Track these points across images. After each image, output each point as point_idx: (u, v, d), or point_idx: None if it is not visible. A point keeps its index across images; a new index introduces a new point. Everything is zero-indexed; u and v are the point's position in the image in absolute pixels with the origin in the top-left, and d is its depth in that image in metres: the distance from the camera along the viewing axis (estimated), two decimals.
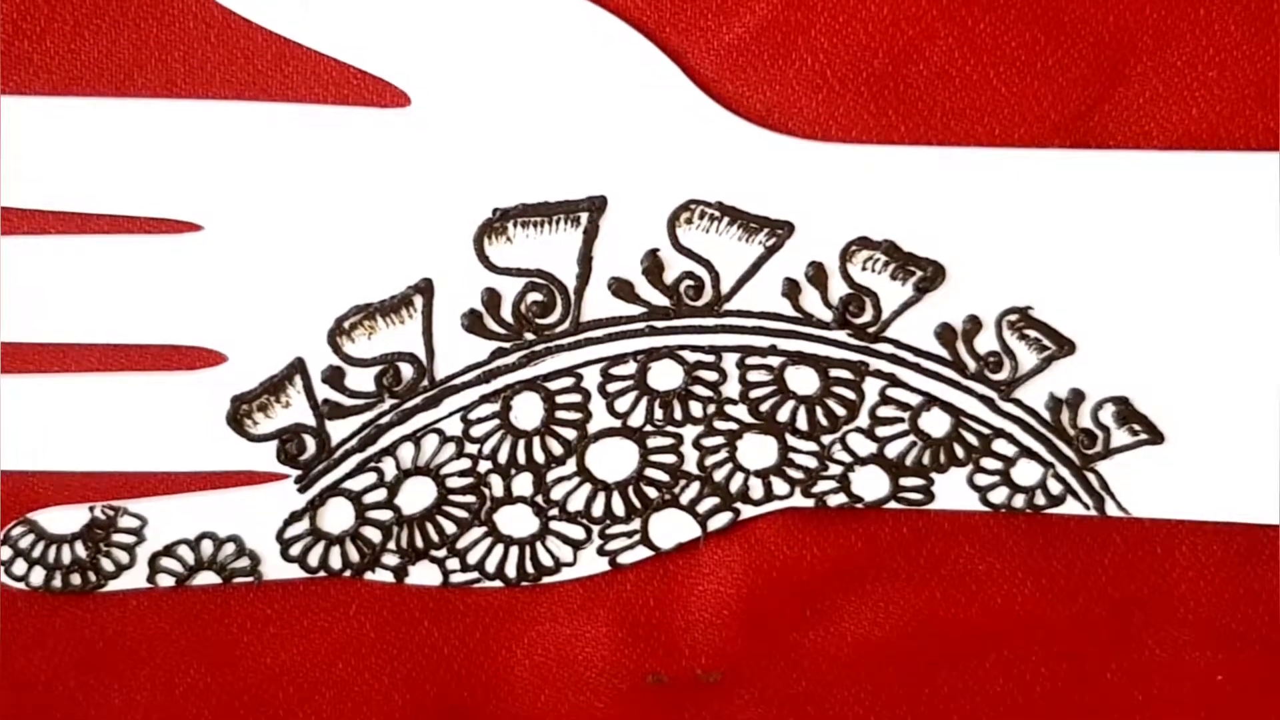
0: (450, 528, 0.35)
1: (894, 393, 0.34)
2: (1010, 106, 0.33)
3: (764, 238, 0.33)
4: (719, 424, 0.34)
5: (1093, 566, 0.36)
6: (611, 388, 0.34)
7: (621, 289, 0.33)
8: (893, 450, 0.35)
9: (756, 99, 0.33)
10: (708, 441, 0.35)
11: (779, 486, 0.35)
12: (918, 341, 0.34)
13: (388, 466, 0.34)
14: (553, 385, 0.34)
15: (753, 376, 0.34)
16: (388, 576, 0.35)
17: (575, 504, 0.35)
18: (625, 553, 0.36)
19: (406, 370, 0.34)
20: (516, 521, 0.35)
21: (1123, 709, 0.37)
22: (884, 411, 0.34)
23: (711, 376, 0.34)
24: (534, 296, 0.33)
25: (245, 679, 0.37)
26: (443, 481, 0.35)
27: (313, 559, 0.35)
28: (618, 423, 0.34)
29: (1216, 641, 0.37)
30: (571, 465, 0.35)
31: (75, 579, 0.35)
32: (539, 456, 0.35)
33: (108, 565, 0.35)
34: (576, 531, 0.35)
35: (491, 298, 0.33)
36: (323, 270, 0.33)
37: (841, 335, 0.34)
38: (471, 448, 0.34)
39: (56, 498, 0.35)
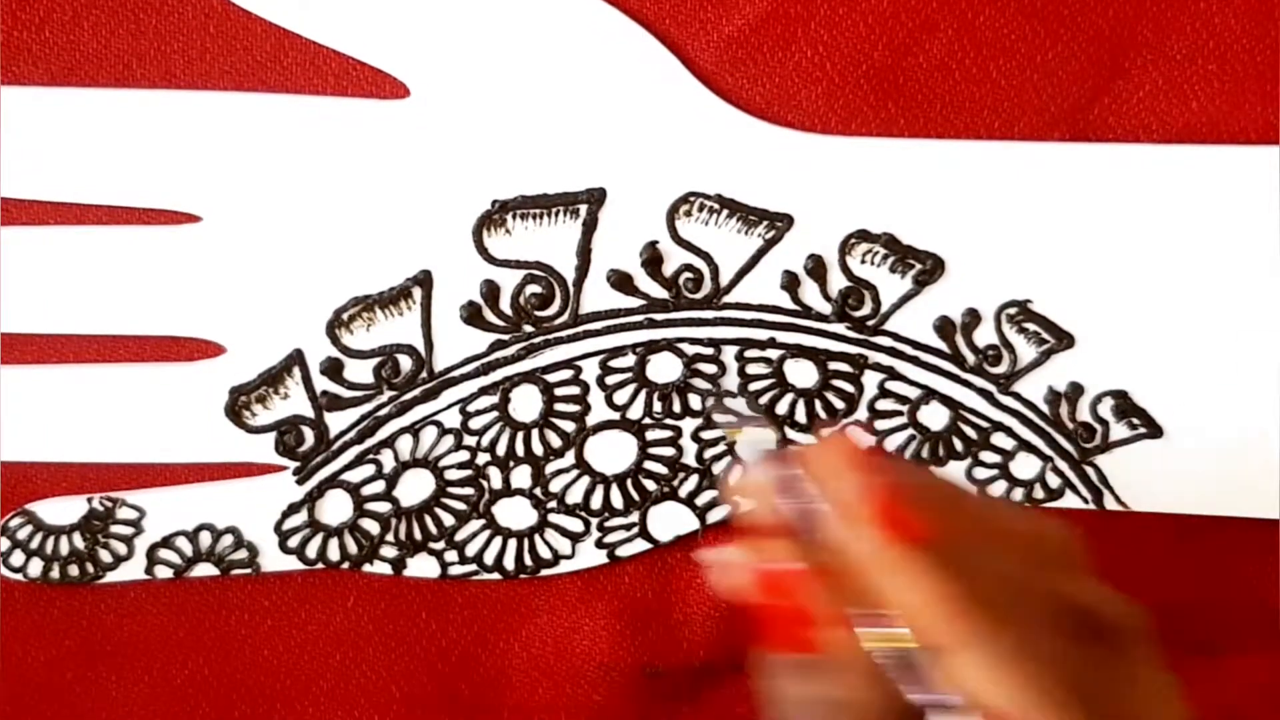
0: (449, 520, 0.35)
1: (893, 386, 0.34)
2: (1010, 100, 0.33)
3: (763, 230, 0.33)
4: (718, 416, 0.34)
5: (1090, 560, 0.36)
6: (610, 380, 0.34)
7: (620, 281, 0.33)
8: (891, 443, 0.35)
9: (756, 92, 0.33)
10: (706, 434, 0.35)
11: None
12: (917, 335, 0.34)
13: (386, 458, 0.34)
14: (551, 377, 0.34)
15: (752, 369, 0.34)
16: (386, 568, 0.35)
17: (574, 496, 0.35)
18: (624, 545, 0.36)
19: (405, 362, 0.34)
20: (515, 514, 0.35)
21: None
22: (883, 404, 0.34)
23: (710, 369, 0.34)
24: (533, 289, 0.33)
25: (243, 670, 0.37)
26: (441, 474, 0.35)
27: (311, 550, 0.35)
28: (616, 415, 0.34)
29: (1214, 635, 0.37)
30: (570, 458, 0.35)
31: (73, 570, 0.35)
32: (538, 449, 0.35)
33: (106, 556, 0.35)
34: (575, 524, 0.35)
35: (490, 290, 0.33)
36: (321, 262, 0.33)
37: (840, 328, 0.34)
38: (470, 440, 0.34)
39: (55, 489, 0.35)
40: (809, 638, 0.25)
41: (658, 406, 0.34)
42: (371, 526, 0.35)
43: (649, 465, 0.35)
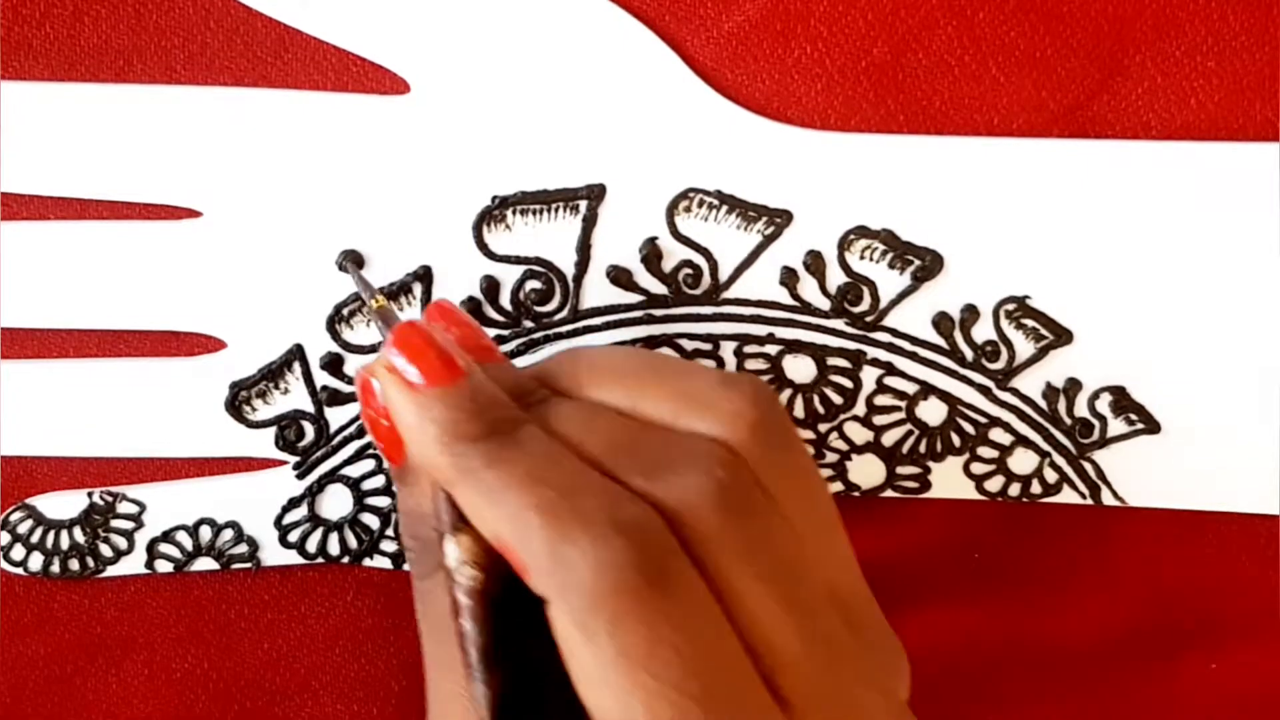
0: None
1: (891, 381, 0.34)
2: (1009, 96, 0.33)
3: (762, 226, 0.33)
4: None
5: (1087, 556, 0.37)
6: None
7: (620, 277, 0.33)
8: (889, 438, 0.35)
9: (756, 88, 0.33)
10: None
11: None
12: (915, 330, 0.34)
13: None
14: None
15: (750, 365, 0.34)
16: (386, 563, 0.36)
17: None
18: None
19: None
20: None
21: (1116, 697, 0.38)
22: (881, 400, 0.35)
23: (709, 365, 0.34)
24: (533, 284, 0.33)
25: (242, 664, 0.37)
26: None
27: (311, 545, 0.35)
28: None
29: (1213, 630, 0.37)
30: None
31: (74, 564, 0.35)
32: None
33: (106, 551, 0.35)
34: None
35: (490, 285, 0.33)
36: (322, 257, 0.33)
37: (839, 324, 0.34)
38: None
39: (55, 483, 0.35)
40: (394, 445, 0.27)
41: None
42: (372, 521, 0.35)
43: None
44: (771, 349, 0.34)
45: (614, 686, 0.23)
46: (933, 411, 0.35)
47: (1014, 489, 0.35)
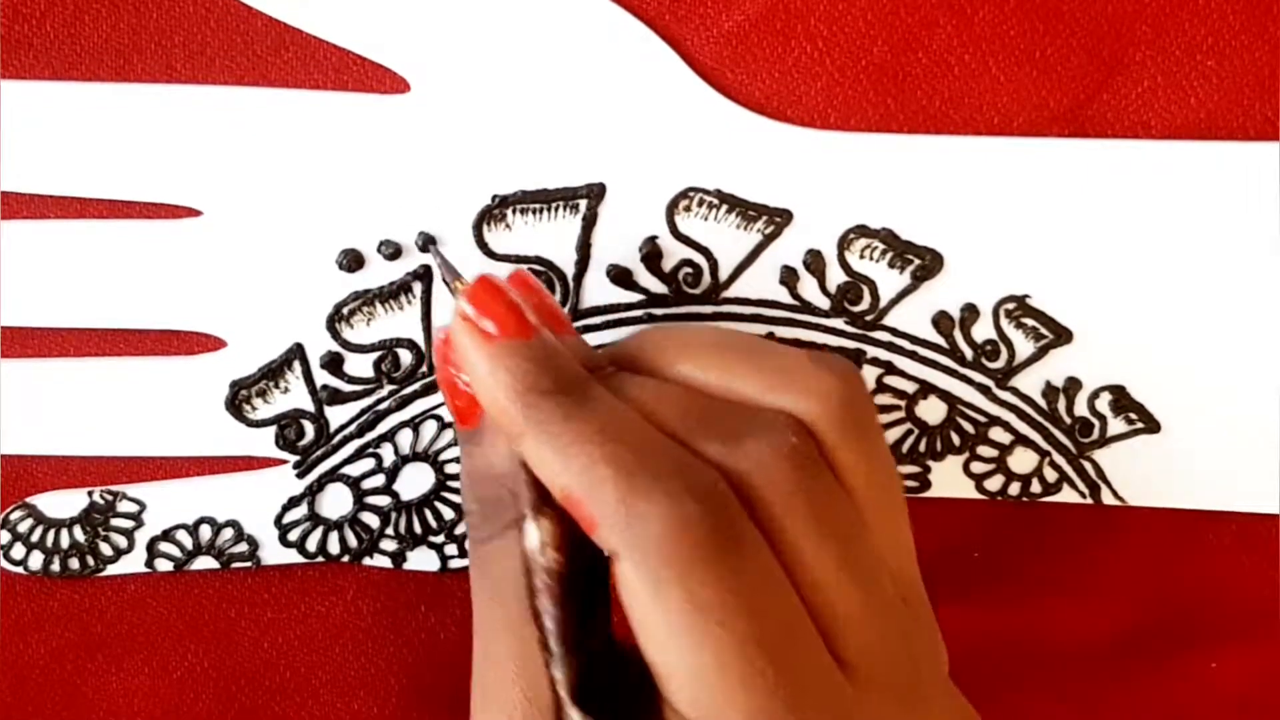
0: (448, 513, 0.35)
1: (890, 380, 0.34)
2: (1009, 96, 0.33)
3: (762, 225, 0.33)
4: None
5: (1087, 555, 0.37)
6: None
7: (620, 276, 0.33)
8: (889, 437, 0.35)
9: (755, 87, 0.33)
10: None
11: None
12: (915, 329, 0.34)
13: (386, 452, 0.34)
14: None
15: None
16: (386, 562, 0.36)
17: None
18: None
19: (405, 356, 0.34)
20: None
21: (1116, 697, 0.38)
22: (880, 399, 0.35)
23: None
24: None
25: (242, 663, 0.37)
26: (441, 467, 0.35)
27: (311, 544, 0.35)
28: None
29: (1212, 629, 0.37)
30: None
31: (74, 563, 0.35)
32: None
33: (106, 549, 0.35)
34: None
35: None
36: (322, 256, 0.33)
37: (838, 323, 0.34)
38: None
39: (55, 482, 0.35)
40: (471, 405, 0.27)
41: None
42: (372, 520, 0.35)
43: None
44: None
45: (684, 638, 0.23)
46: (932, 410, 0.35)
47: (1014, 488, 0.35)
